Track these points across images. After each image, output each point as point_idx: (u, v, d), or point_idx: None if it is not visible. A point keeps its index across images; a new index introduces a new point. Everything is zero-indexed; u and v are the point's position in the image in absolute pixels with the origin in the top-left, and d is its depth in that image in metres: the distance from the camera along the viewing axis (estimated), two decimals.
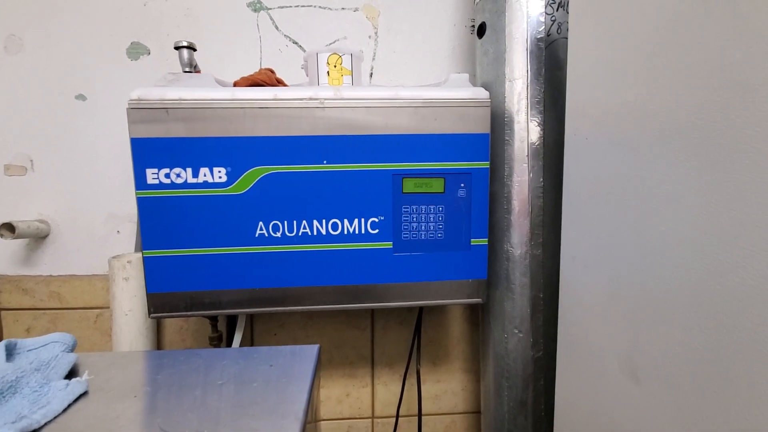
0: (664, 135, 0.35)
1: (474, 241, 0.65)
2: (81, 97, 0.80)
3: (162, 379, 0.41)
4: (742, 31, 0.28)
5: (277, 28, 0.82)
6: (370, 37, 0.83)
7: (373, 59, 0.84)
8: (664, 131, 0.35)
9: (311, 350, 0.46)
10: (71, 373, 0.40)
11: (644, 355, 0.38)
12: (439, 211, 0.64)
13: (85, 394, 0.38)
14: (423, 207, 0.64)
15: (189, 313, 0.62)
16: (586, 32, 0.48)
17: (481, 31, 0.70)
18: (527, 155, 0.66)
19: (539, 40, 0.64)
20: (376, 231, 0.63)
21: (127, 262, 0.69)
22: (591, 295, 0.47)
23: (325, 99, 0.60)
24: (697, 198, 0.32)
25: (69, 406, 0.36)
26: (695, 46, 0.32)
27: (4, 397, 0.33)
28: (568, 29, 0.64)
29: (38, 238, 0.81)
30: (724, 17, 0.29)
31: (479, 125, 0.63)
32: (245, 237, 0.61)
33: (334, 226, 0.62)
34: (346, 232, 0.63)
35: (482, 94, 0.63)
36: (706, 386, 0.32)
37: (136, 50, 0.80)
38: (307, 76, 0.70)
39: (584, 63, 0.48)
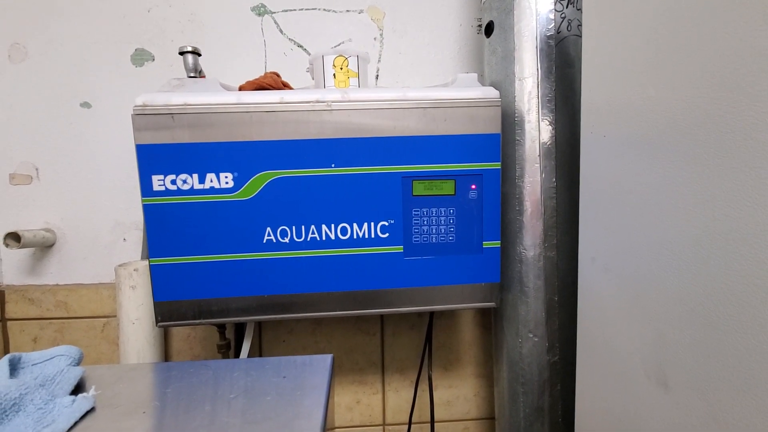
0: (688, 130, 0.34)
1: (486, 244, 0.64)
2: (86, 104, 0.80)
3: (171, 393, 0.39)
4: None
5: (281, 31, 0.81)
6: (375, 38, 0.82)
7: (379, 61, 0.83)
8: (687, 126, 0.34)
9: (324, 360, 0.45)
10: (78, 388, 0.39)
11: (673, 359, 0.37)
12: (450, 213, 0.63)
13: (92, 410, 0.37)
14: (434, 210, 0.62)
15: (197, 321, 0.61)
16: (600, 27, 0.46)
17: (488, 30, 0.69)
18: (539, 155, 0.64)
19: (549, 37, 0.63)
20: (386, 235, 0.62)
21: (134, 270, 0.68)
22: (612, 298, 0.46)
23: (333, 101, 0.58)
24: (726, 195, 0.31)
25: (75, 424, 0.34)
26: (720, 36, 0.30)
27: (7, 415, 0.32)
28: (579, 26, 0.63)
29: (44, 247, 0.81)
30: (751, 5, 0.28)
31: (489, 125, 0.61)
32: (253, 243, 0.60)
33: (343, 231, 0.61)
34: (355, 237, 0.61)
35: (492, 93, 0.61)
36: (743, 392, 0.30)
37: (141, 57, 0.80)
38: (313, 79, 0.69)
39: (600, 59, 0.47)
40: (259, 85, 0.64)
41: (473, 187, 0.62)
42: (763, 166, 0.28)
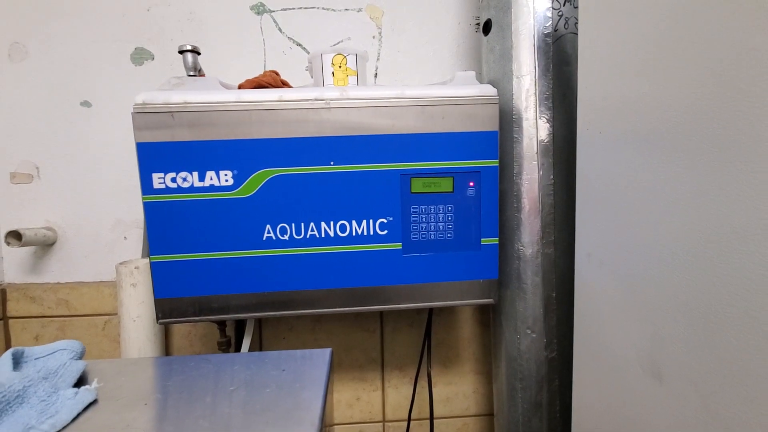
0: (683, 127, 0.34)
1: (484, 241, 0.64)
2: (86, 103, 0.80)
3: (172, 385, 0.40)
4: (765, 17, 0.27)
5: (280, 30, 0.81)
6: (374, 37, 0.83)
7: (378, 59, 0.83)
8: (682, 123, 0.34)
9: (324, 354, 0.45)
10: (80, 381, 0.40)
11: (667, 353, 0.37)
12: (448, 210, 0.63)
13: (94, 402, 0.37)
14: (432, 207, 0.63)
15: (197, 318, 0.61)
16: (597, 25, 0.47)
17: (486, 28, 0.69)
18: (536, 152, 0.65)
19: (546, 35, 0.63)
20: (385, 232, 0.62)
21: (135, 268, 0.69)
22: (608, 293, 0.46)
23: (331, 99, 0.59)
24: (719, 191, 0.31)
25: (78, 415, 0.35)
26: (715, 33, 0.31)
27: (11, 407, 0.32)
28: (576, 24, 0.64)
29: (45, 245, 0.81)
30: (746, 2, 0.28)
31: (487, 123, 0.62)
32: (253, 240, 0.60)
33: (342, 228, 0.62)
34: (354, 234, 0.62)
35: (490, 91, 0.62)
36: (736, 384, 0.30)
37: (140, 55, 0.80)
38: (312, 77, 0.70)
39: (596, 57, 0.47)
40: (258, 84, 0.64)
41: (471, 184, 0.63)
42: (757, 161, 0.28)
